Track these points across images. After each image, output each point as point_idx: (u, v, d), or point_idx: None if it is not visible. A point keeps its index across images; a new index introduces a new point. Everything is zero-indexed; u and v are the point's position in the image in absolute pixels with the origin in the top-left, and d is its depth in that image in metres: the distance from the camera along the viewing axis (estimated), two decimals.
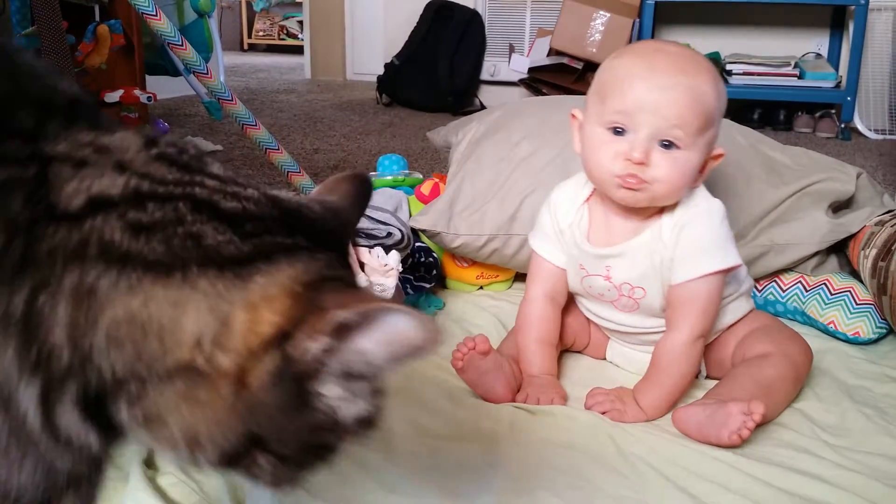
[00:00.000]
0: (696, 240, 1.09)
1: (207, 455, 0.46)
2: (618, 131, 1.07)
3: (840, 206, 1.51)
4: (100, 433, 0.46)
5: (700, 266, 1.09)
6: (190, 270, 0.44)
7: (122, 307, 0.43)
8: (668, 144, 1.04)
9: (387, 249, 1.32)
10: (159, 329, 0.43)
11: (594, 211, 1.17)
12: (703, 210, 1.10)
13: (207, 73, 1.88)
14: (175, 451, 0.46)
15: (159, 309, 0.43)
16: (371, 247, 1.31)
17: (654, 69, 1.06)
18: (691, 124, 1.03)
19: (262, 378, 0.44)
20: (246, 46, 8.84)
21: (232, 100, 1.93)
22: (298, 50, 6.82)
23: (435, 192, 1.58)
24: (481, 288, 1.59)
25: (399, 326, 0.44)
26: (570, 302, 1.25)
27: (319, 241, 0.50)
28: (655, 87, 1.04)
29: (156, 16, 1.82)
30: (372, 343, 0.44)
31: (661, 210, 1.11)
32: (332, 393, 0.46)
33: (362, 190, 0.61)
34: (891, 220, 1.39)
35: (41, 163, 0.44)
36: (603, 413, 1.08)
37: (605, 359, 1.29)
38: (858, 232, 1.43)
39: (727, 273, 1.12)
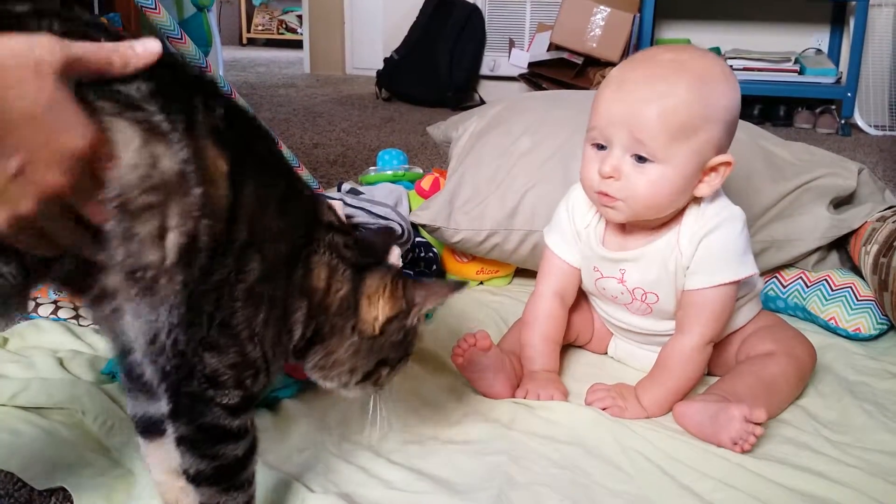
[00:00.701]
0: (716, 250, 1.07)
1: (357, 376, 0.80)
2: (601, 147, 1.06)
3: (841, 202, 1.51)
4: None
5: (717, 276, 1.07)
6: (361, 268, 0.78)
7: (334, 286, 0.76)
8: (641, 158, 1.03)
9: None
10: (343, 305, 0.76)
11: None
12: (724, 219, 1.08)
13: (206, 67, 1.88)
14: (339, 379, 0.80)
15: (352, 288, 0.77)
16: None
17: (626, 81, 1.04)
18: (658, 136, 1.01)
19: (390, 333, 0.79)
20: (245, 41, 8.83)
21: (231, 94, 1.92)
22: (297, 44, 6.81)
23: (435, 187, 1.57)
24: (481, 283, 1.58)
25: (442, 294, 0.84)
26: (575, 298, 1.24)
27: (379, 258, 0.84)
28: (622, 101, 1.03)
29: (155, 9, 1.81)
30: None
31: (679, 217, 1.10)
32: (420, 326, 0.83)
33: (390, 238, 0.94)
34: (892, 215, 1.39)
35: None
36: (603, 409, 1.07)
37: (606, 354, 1.29)
38: (860, 228, 1.43)
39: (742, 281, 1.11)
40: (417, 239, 1.47)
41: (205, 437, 0.70)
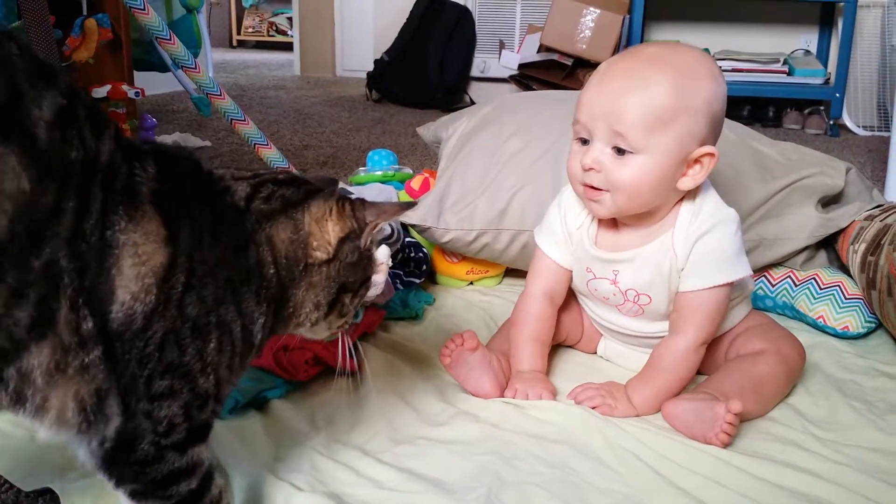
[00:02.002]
0: (710, 251, 1.08)
1: (322, 310, 0.79)
2: (585, 141, 1.07)
3: (829, 201, 1.51)
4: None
5: (712, 277, 1.08)
6: (291, 209, 0.76)
7: (279, 239, 0.74)
8: (621, 150, 1.04)
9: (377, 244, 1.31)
10: (297, 243, 0.75)
11: None
12: (718, 221, 1.08)
13: (195, 68, 1.88)
14: (308, 320, 0.79)
15: (291, 233, 0.75)
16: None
17: (607, 75, 1.06)
18: (634, 127, 1.02)
19: (346, 254, 0.78)
20: (235, 43, 8.81)
21: (220, 94, 1.92)
22: (288, 46, 6.80)
23: (425, 188, 1.57)
24: (471, 283, 1.59)
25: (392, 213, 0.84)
26: (565, 298, 1.25)
27: (319, 188, 0.81)
28: (601, 94, 1.05)
29: (143, 10, 1.81)
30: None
31: (673, 218, 1.10)
32: (374, 247, 0.83)
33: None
34: (880, 214, 1.39)
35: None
36: (593, 407, 1.07)
37: (595, 353, 1.29)
38: (847, 227, 1.44)
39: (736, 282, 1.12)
40: (407, 239, 1.47)
41: (156, 486, 0.69)
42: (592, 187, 1.07)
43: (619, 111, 1.02)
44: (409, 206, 0.87)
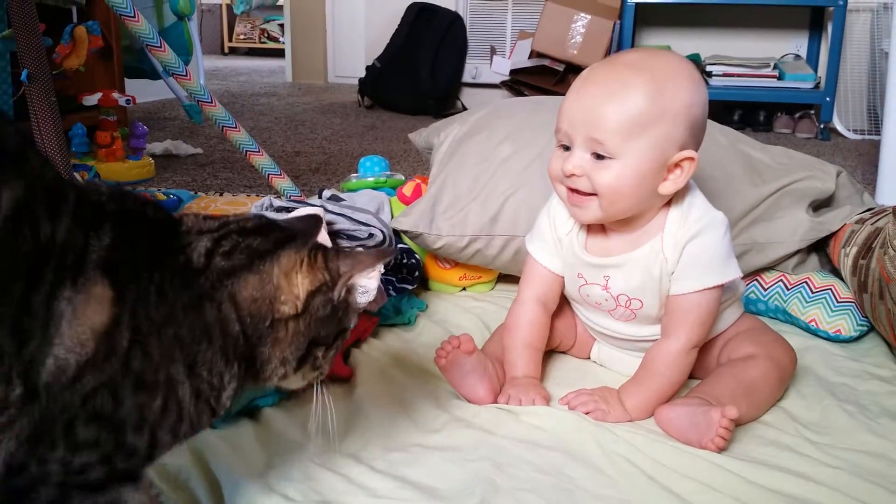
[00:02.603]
0: (700, 254, 1.08)
1: (291, 365, 0.75)
2: (566, 148, 1.08)
3: (820, 205, 1.52)
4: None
5: (702, 280, 1.08)
6: (257, 261, 0.73)
7: (243, 295, 0.71)
8: (600, 156, 1.05)
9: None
10: (262, 300, 0.72)
11: None
12: (706, 224, 1.08)
13: (186, 75, 1.87)
14: (275, 375, 0.75)
15: (255, 289, 0.72)
16: (353, 248, 1.31)
17: (585, 82, 1.07)
18: (611, 133, 1.02)
19: (316, 308, 0.74)
20: (227, 50, 8.81)
21: (211, 101, 1.91)
22: (280, 53, 6.80)
23: (417, 194, 1.57)
24: (464, 289, 1.58)
25: (369, 264, 0.78)
26: (558, 304, 1.24)
27: (292, 235, 0.78)
28: (580, 102, 1.06)
29: (134, 17, 1.80)
30: (367, 272, 0.78)
31: (662, 222, 1.10)
32: (351, 299, 0.78)
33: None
34: (871, 218, 1.40)
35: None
36: (587, 413, 1.07)
37: (589, 359, 1.29)
38: (839, 230, 1.44)
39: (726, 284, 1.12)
40: (399, 245, 1.47)
41: None
42: (579, 192, 1.08)
43: (597, 118, 1.03)
44: (389, 254, 0.84)
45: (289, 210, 1.29)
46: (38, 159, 0.65)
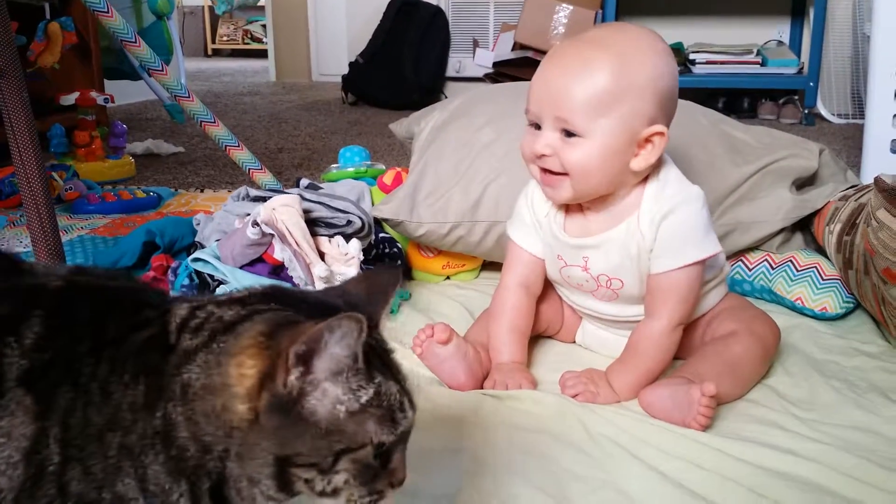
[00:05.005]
0: (677, 230, 1.07)
1: (267, 488, 0.56)
2: (537, 127, 1.07)
3: (804, 184, 1.51)
4: None
5: (681, 256, 1.07)
6: (218, 339, 0.57)
7: (194, 388, 0.55)
8: (569, 133, 1.04)
9: (347, 238, 1.30)
10: (214, 396, 0.56)
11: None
12: (682, 200, 1.07)
13: (162, 70, 1.85)
14: (253, 500, 0.57)
15: (207, 379, 0.56)
16: (331, 236, 1.29)
17: (551, 61, 1.07)
18: (577, 112, 1.02)
19: (263, 411, 0.55)
20: (210, 52, 8.77)
21: (189, 96, 1.89)
22: (263, 54, 6.77)
23: (397, 182, 1.56)
24: (448, 278, 1.57)
25: (336, 333, 0.55)
26: (544, 288, 1.23)
27: (291, 304, 0.61)
28: (545, 81, 1.05)
29: (107, 13, 1.79)
30: (328, 353, 0.56)
31: (638, 200, 1.09)
32: (328, 398, 0.56)
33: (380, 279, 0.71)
34: (855, 194, 1.39)
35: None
36: (575, 395, 1.06)
37: (574, 342, 1.28)
38: (823, 208, 1.43)
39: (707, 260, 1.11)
40: (381, 235, 1.45)
41: None
42: (551, 172, 1.07)
43: (563, 97, 1.02)
44: (339, 323, 0.55)
45: (265, 199, 1.28)
46: None
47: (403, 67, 4.38)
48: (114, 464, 0.54)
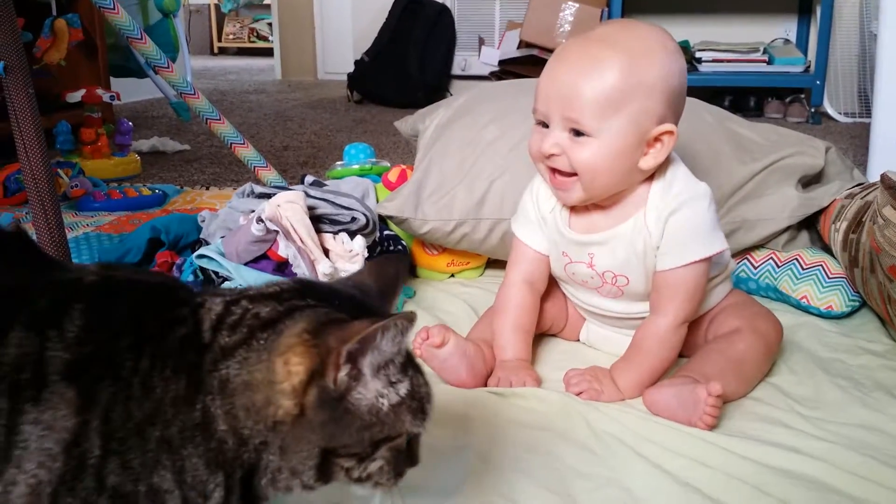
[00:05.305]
0: (684, 227, 1.06)
1: (308, 478, 0.60)
2: (545, 125, 1.07)
3: (810, 181, 1.50)
4: None
5: (688, 254, 1.06)
6: (258, 336, 0.59)
7: (234, 383, 0.57)
8: (578, 133, 1.03)
9: (351, 235, 1.30)
10: (257, 391, 0.58)
11: None
12: (689, 197, 1.07)
13: (168, 67, 1.85)
14: (289, 489, 0.61)
15: (249, 375, 0.58)
16: (335, 232, 1.29)
17: (559, 60, 1.06)
18: (587, 112, 1.01)
19: (311, 406, 0.58)
20: (216, 50, 8.78)
21: (194, 93, 1.90)
22: (269, 52, 6.78)
23: (402, 179, 1.56)
24: (452, 276, 1.57)
25: (390, 332, 0.58)
26: (549, 287, 1.23)
27: (324, 299, 0.63)
28: (554, 81, 1.04)
29: (113, 9, 1.79)
30: (378, 351, 0.59)
31: (645, 197, 1.09)
32: (371, 392, 0.60)
33: (388, 268, 0.73)
34: (861, 192, 1.38)
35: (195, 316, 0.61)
36: (579, 393, 1.06)
37: (578, 340, 1.27)
38: (829, 206, 1.42)
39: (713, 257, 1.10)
40: (386, 232, 1.45)
41: None
42: (560, 173, 1.06)
43: (572, 96, 1.02)
44: (396, 323, 0.59)
45: (269, 195, 1.28)
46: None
47: (409, 65, 4.38)
48: (152, 457, 0.56)
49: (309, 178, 1.52)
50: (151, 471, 0.56)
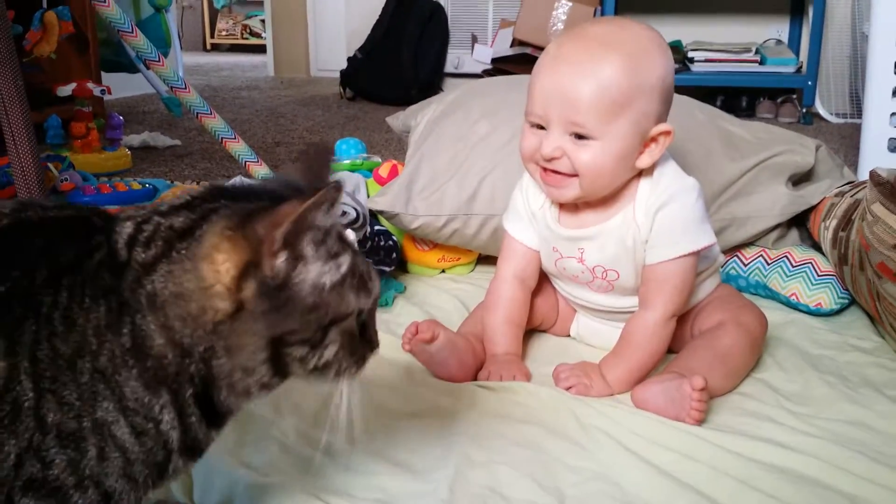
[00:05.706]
0: (672, 222, 1.07)
1: (262, 375, 0.60)
2: (540, 127, 1.06)
3: (800, 180, 1.51)
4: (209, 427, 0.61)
5: (676, 248, 1.07)
6: (177, 245, 0.58)
7: (162, 296, 0.56)
8: (580, 136, 1.03)
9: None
10: (189, 299, 0.57)
11: None
12: (677, 191, 1.07)
13: (158, 60, 1.84)
14: (249, 394, 0.61)
15: (177, 285, 0.57)
16: None
17: (558, 58, 1.04)
18: (591, 116, 1.01)
19: (250, 299, 0.57)
20: (209, 46, 8.75)
21: (185, 87, 1.89)
22: (262, 49, 6.75)
23: (393, 174, 1.55)
24: (443, 271, 1.57)
25: (323, 207, 0.57)
26: (539, 282, 1.23)
27: (241, 198, 0.61)
28: (554, 82, 1.03)
29: (105, 3, 1.78)
30: (314, 229, 0.58)
31: (633, 191, 1.09)
32: (312, 272, 0.59)
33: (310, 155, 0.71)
34: (850, 190, 1.39)
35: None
36: (569, 388, 1.06)
37: (569, 336, 1.28)
38: (819, 204, 1.43)
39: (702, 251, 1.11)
40: (377, 227, 1.44)
41: None
42: (559, 173, 1.06)
43: (574, 99, 1.01)
44: (326, 198, 0.58)
45: None
46: None
47: (402, 63, 4.37)
48: (89, 389, 0.55)
49: None
50: (92, 404, 0.55)
